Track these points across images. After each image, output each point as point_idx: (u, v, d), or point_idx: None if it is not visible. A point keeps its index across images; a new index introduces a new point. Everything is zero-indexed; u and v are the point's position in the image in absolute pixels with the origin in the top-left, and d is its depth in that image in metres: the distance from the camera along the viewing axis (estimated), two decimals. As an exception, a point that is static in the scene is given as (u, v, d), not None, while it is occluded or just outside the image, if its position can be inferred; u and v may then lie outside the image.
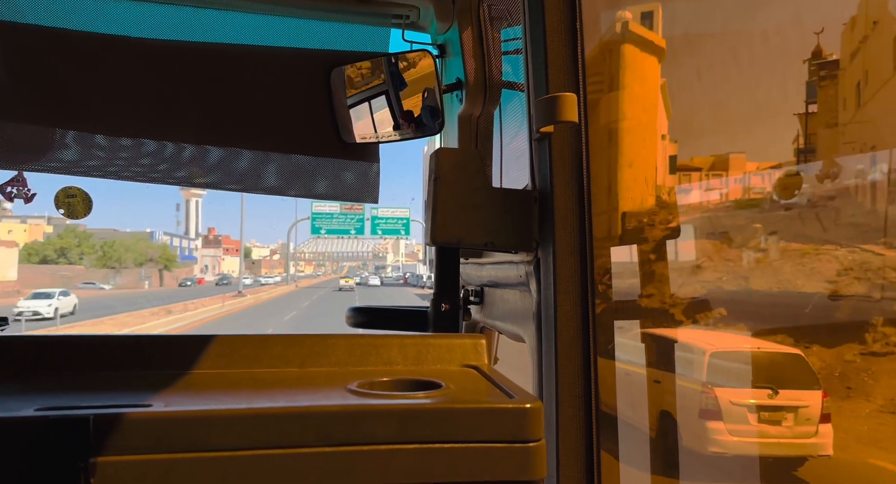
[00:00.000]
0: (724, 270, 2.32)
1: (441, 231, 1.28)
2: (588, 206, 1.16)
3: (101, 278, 55.46)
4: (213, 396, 0.75)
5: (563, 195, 1.15)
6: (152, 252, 64.62)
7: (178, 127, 1.77)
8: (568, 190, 1.16)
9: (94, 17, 1.69)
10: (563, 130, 1.15)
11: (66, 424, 0.62)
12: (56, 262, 55.78)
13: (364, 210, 48.96)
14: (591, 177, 1.15)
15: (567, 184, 1.15)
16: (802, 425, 2.21)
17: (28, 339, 0.85)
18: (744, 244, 2.39)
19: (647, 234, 2.13)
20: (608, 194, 1.99)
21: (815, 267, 2.07)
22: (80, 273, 54.88)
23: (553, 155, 1.16)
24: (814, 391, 2.23)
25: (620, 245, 2.06)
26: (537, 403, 0.73)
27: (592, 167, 1.15)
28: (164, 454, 0.63)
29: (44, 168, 1.72)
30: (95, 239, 59.42)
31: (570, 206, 1.16)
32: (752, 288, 2.34)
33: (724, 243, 2.49)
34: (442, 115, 1.78)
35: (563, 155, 1.16)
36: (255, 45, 1.80)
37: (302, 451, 0.66)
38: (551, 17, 1.16)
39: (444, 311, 1.45)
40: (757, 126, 2.40)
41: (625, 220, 2.12)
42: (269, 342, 0.91)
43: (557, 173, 1.16)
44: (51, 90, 1.67)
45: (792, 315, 2.00)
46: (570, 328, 1.14)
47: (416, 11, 1.86)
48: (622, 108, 2.26)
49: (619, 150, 2.17)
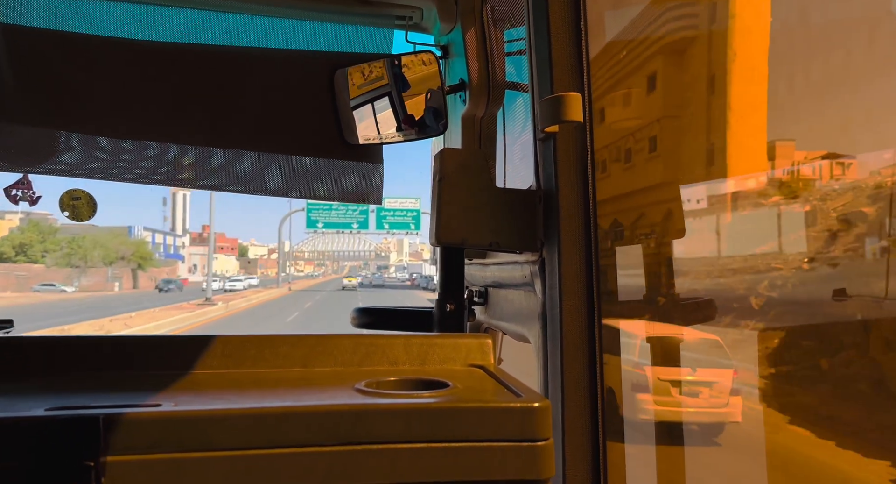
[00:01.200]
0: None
1: (445, 231, 1.28)
2: (593, 206, 1.16)
3: (63, 279, 48.51)
4: (220, 396, 0.75)
5: (568, 195, 1.15)
6: (124, 249, 55.98)
7: (182, 129, 1.77)
8: (573, 190, 1.16)
9: (99, 20, 1.70)
10: (567, 130, 1.15)
11: (76, 423, 0.62)
12: (13, 260, 48.35)
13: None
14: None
15: (572, 184, 1.15)
16: (716, 397, 2.79)
17: (37, 339, 0.86)
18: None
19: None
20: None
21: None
22: (39, 273, 47.90)
23: (558, 155, 1.16)
24: (726, 370, 2.81)
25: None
26: (545, 403, 0.72)
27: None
28: (173, 453, 0.63)
29: (48, 170, 1.72)
30: (63, 235, 50.94)
31: (575, 205, 1.15)
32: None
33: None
34: (445, 116, 1.78)
35: (567, 155, 1.16)
36: (258, 47, 1.80)
37: (311, 450, 0.66)
38: (555, 17, 1.16)
39: (448, 311, 1.45)
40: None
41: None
42: (276, 342, 0.91)
43: (562, 173, 1.16)
44: (56, 93, 1.67)
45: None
46: (575, 328, 1.13)
47: (419, 13, 1.87)
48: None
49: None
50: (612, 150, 2.60)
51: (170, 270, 69.04)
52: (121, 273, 55.75)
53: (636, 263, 2.40)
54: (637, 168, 2.58)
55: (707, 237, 2.58)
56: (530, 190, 1.29)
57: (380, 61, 1.83)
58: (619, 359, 2.60)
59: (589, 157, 1.16)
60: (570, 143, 1.16)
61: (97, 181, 1.80)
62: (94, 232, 53.76)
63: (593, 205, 1.16)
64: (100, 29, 1.69)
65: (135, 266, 57.12)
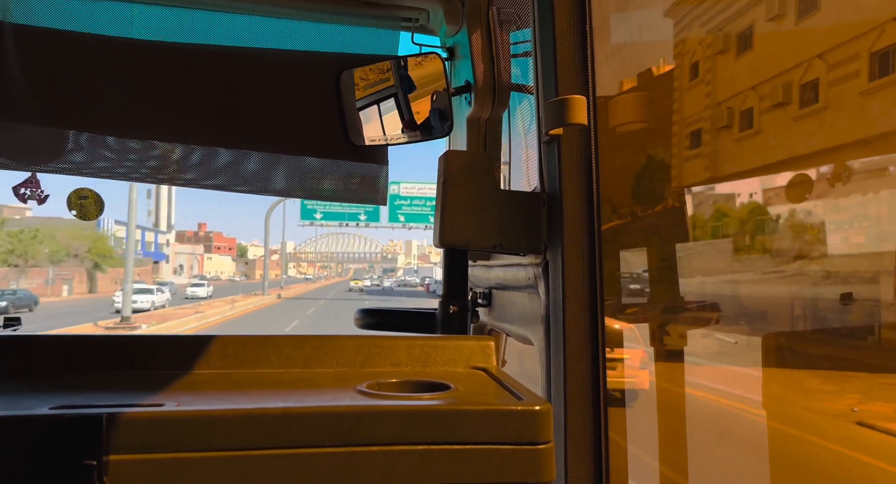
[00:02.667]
0: None
1: (450, 233, 1.28)
2: (597, 209, 1.16)
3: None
4: (223, 396, 0.76)
5: (573, 198, 1.15)
6: (77, 245, 44.76)
7: (189, 129, 1.78)
8: (577, 192, 1.15)
9: (107, 21, 1.71)
10: (572, 133, 1.15)
11: (79, 422, 0.62)
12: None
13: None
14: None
15: (576, 186, 1.15)
16: (628, 370, 3.52)
17: (41, 338, 0.86)
18: None
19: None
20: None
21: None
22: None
23: (562, 157, 1.16)
24: (637, 350, 3.60)
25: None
26: (546, 406, 0.73)
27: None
28: (175, 453, 0.63)
29: (56, 169, 1.74)
30: (9, 228, 41.38)
31: (579, 208, 1.15)
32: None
33: None
34: (451, 118, 1.79)
35: (572, 157, 1.16)
36: (265, 48, 1.81)
37: (313, 451, 0.66)
38: (561, 20, 1.16)
39: (452, 313, 1.45)
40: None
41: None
42: (278, 343, 0.91)
43: (566, 176, 1.16)
44: (64, 92, 1.69)
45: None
46: (578, 331, 1.13)
47: (425, 15, 1.87)
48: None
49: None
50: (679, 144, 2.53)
51: (143, 271, 57.53)
52: (73, 274, 45.55)
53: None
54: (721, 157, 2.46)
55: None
56: (534, 192, 1.29)
57: (386, 63, 1.83)
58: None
59: (593, 161, 1.16)
60: (574, 146, 1.16)
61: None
62: (64, 225, 43.86)
63: (597, 208, 1.16)
64: (108, 29, 1.71)
65: (92, 265, 46.86)
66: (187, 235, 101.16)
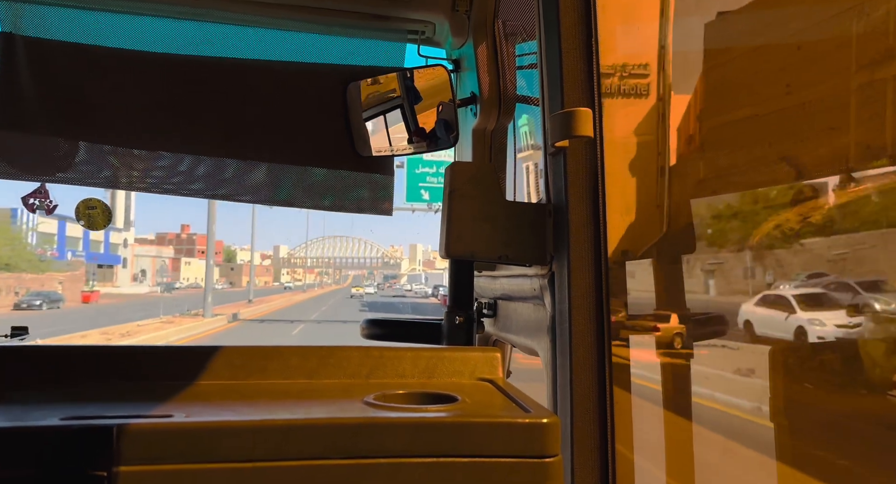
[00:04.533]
0: None
1: (456, 244, 1.28)
2: (603, 221, 1.16)
3: None
4: (232, 407, 0.76)
5: (578, 209, 1.16)
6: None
7: (197, 140, 1.80)
8: (583, 204, 1.16)
9: (116, 34, 1.73)
10: (577, 145, 1.16)
11: (90, 433, 0.63)
12: None
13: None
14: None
15: (582, 198, 1.16)
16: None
17: (49, 348, 0.87)
18: None
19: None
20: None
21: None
22: None
23: (568, 169, 1.17)
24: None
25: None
26: (554, 418, 0.72)
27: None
28: (185, 464, 0.63)
29: (65, 180, 1.75)
30: None
31: (585, 220, 1.16)
32: None
33: None
34: (456, 129, 1.80)
35: (577, 169, 1.16)
36: (273, 60, 1.83)
37: (321, 463, 0.66)
38: (567, 33, 1.17)
39: (458, 323, 1.45)
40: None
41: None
42: (285, 353, 0.91)
43: (572, 187, 1.16)
44: (73, 104, 1.71)
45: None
46: (585, 342, 1.13)
47: (431, 27, 1.89)
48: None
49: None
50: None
51: (70, 278, 44.24)
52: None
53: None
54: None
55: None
56: (540, 203, 1.29)
57: (392, 74, 1.85)
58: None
59: (599, 172, 1.16)
60: (580, 158, 1.16)
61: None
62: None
63: (603, 219, 1.16)
64: (116, 42, 1.73)
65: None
66: (168, 238, 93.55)
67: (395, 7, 1.80)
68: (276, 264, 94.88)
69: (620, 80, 1.92)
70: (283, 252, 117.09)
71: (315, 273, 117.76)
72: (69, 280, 44.60)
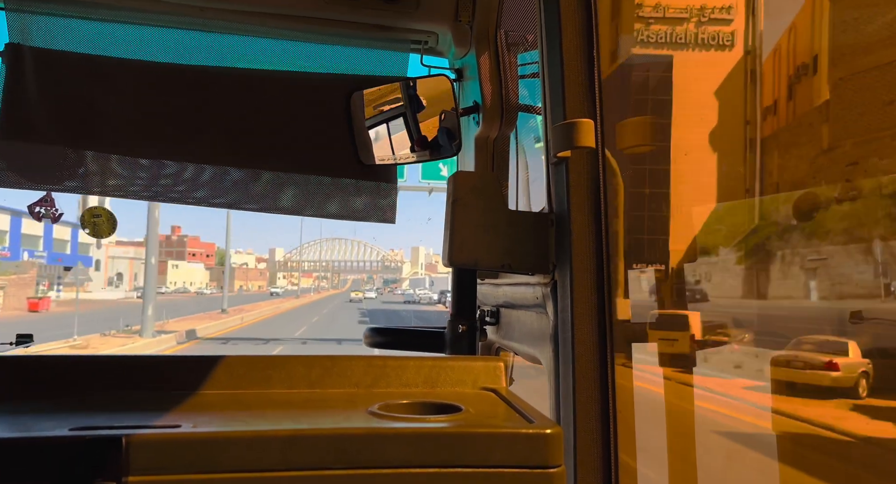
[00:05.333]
0: None
1: (459, 252, 1.29)
2: (605, 230, 1.17)
3: None
4: (237, 417, 0.77)
5: (580, 218, 1.17)
6: None
7: (202, 149, 1.81)
8: (585, 213, 1.17)
9: (123, 44, 1.75)
10: (579, 155, 1.17)
11: (99, 443, 0.63)
12: None
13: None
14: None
15: (584, 207, 1.16)
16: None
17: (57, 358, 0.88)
18: None
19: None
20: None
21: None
22: None
23: (570, 179, 1.17)
24: None
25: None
26: (557, 429, 0.73)
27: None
28: (193, 474, 0.64)
29: (70, 188, 1.77)
30: None
31: (586, 229, 1.17)
32: None
33: None
34: (459, 138, 1.81)
35: (580, 179, 1.17)
36: (277, 70, 1.84)
37: (326, 473, 0.67)
38: (568, 44, 1.18)
39: (460, 332, 1.46)
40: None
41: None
42: (289, 363, 0.92)
43: (575, 197, 1.17)
44: (79, 113, 1.72)
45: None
46: (587, 351, 1.14)
47: (434, 37, 1.90)
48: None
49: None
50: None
51: (22, 280, 38.05)
52: None
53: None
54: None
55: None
56: (543, 212, 1.30)
57: (396, 84, 1.86)
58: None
59: (601, 182, 1.17)
60: (582, 168, 1.17)
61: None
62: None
63: (605, 228, 1.17)
64: (123, 52, 1.75)
65: None
66: (158, 240, 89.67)
67: (399, 17, 1.82)
68: (272, 268, 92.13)
69: (697, 26, 1.76)
70: (280, 255, 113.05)
71: (313, 277, 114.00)
72: (13, 285, 37.37)
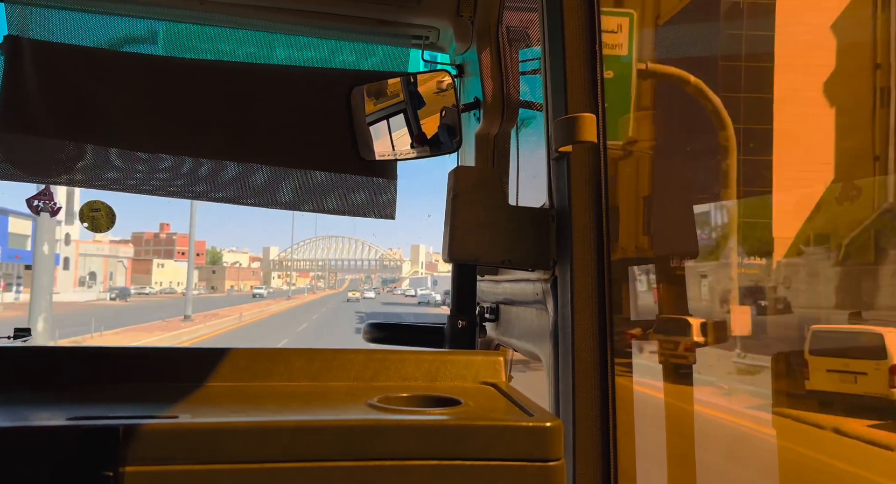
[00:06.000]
0: None
1: (459, 248, 1.29)
2: (606, 226, 1.16)
3: None
4: (236, 409, 0.76)
5: (582, 214, 1.16)
6: None
7: (202, 143, 1.81)
8: (586, 209, 1.16)
9: (122, 37, 1.75)
10: (581, 150, 1.17)
11: (96, 433, 0.63)
12: None
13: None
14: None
15: (586, 203, 1.16)
16: None
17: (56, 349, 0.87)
18: None
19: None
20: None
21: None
22: None
23: (571, 174, 1.17)
24: None
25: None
26: (557, 422, 0.73)
27: None
28: (190, 465, 0.64)
29: (69, 182, 1.76)
30: None
31: (588, 225, 1.16)
32: None
33: None
34: (460, 134, 1.80)
35: (581, 174, 1.17)
36: (278, 64, 1.84)
37: (325, 464, 0.67)
38: (571, 39, 1.18)
39: (460, 328, 1.45)
40: None
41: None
42: (290, 356, 0.92)
43: (575, 192, 1.17)
44: (78, 107, 1.72)
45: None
46: (587, 347, 1.14)
47: (435, 33, 1.90)
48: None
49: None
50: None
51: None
52: None
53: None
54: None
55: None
56: (543, 208, 1.30)
57: (396, 79, 1.86)
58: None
59: (602, 177, 1.17)
60: (583, 163, 1.17)
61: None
62: None
63: (606, 224, 1.17)
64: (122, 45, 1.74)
65: None
66: (146, 238, 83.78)
67: (400, 13, 1.81)
68: (266, 267, 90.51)
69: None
70: (274, 254, 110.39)
71: (310, 277, 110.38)
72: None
